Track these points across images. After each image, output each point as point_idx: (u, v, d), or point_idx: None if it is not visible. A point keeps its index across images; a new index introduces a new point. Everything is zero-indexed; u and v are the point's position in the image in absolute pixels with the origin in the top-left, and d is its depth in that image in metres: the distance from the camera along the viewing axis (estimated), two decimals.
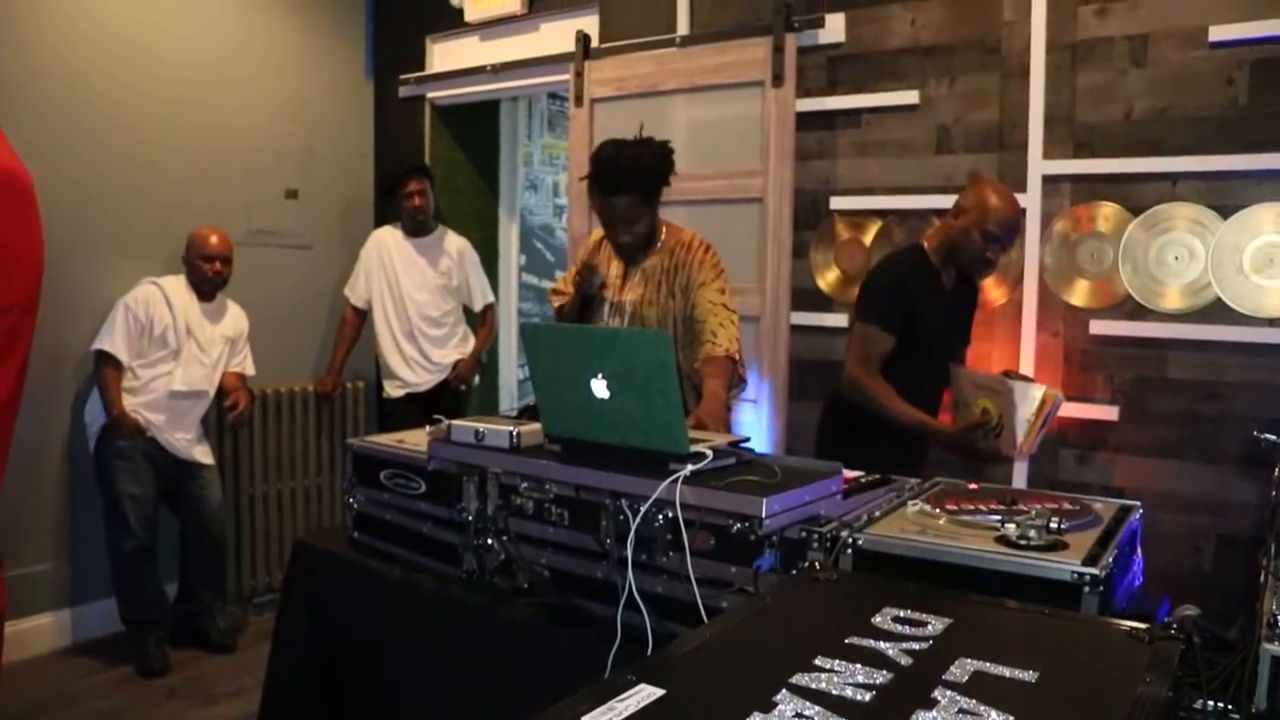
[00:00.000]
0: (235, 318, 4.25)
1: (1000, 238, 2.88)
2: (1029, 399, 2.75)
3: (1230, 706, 1.26)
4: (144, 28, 4.27)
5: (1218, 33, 2.95)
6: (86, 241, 4.08)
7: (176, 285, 4.05)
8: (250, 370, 4.33)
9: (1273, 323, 2.93)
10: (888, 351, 2.91)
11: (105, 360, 3.84)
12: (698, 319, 2.81)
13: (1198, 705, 1.29)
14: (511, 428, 2.03)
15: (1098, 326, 3.20)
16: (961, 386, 2.98)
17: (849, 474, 2.05)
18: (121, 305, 3.90)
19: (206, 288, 4.08)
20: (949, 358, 3.10)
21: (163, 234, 4.24)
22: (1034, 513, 1.67)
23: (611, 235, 2.90)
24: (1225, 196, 2.99)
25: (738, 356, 2.77)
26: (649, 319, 2.88)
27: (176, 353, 3.97)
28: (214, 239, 4.06)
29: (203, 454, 4.10)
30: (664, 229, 2.95)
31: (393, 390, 4.64)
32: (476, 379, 4.85)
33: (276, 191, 4.85)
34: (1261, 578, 1.56)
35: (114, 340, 3.83)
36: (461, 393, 4.72)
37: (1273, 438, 1.54)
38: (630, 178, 2.74)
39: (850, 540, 1.68)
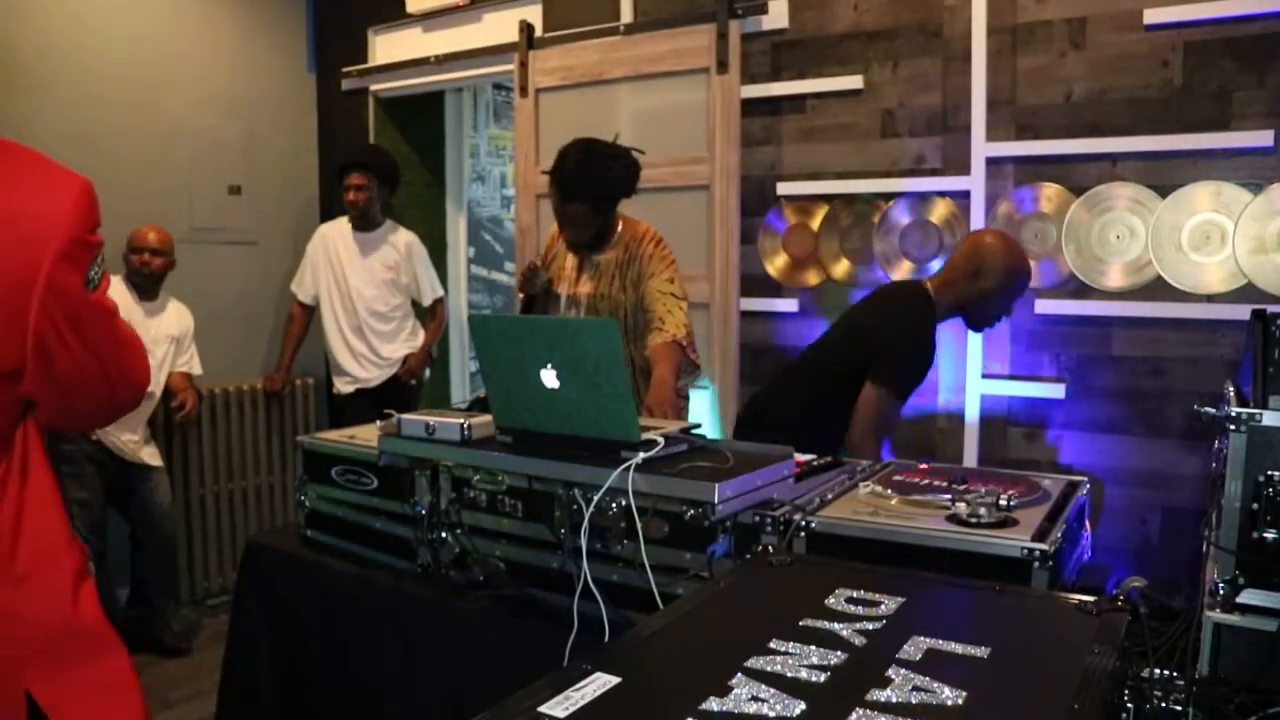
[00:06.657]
0: (179, 316, 4.18)
1: (1020, 296, 2.81)
2: None
3: (1175, 674, 1.28)
4: (82, 29, 4.18)
5: (1152, 15, 3.00)
6: None
7: (116, 285, 3.97)
8: (197, 369, 4.26)
9: (1210, 299, 2.99)
10: None
11: None
12: (646, 308, 2.83)
13: (1145, 674, 1.32)
14: (462, 420, 2.02)
15: (1043, 306, 3.24)
16: None
17: (801, 457, 2.06)
18: None
19: (141, 283, 4.01)
20: None
21: (106, 237, 4.15)
22: (984, 491, 1.69)
23: (561, 231, 2.93)
24: (1163, 176, 3.04)
25: (685, 341, 2.78)
26: (601, 313, 2.89)
27: None
28: (151, 235, 4.00)
29: (150, 455, 4.03)
30: (621, 222, 2.95)
31: (342, 386, 4.59)
32: (427, 373, 4.81)
33: (219, 188, 4.78)
34: (1204, 548, 1.59)
35: None
36: (412, 387, 4.68)
37: (1212, 411, 1.57)
38: (589, 188, 2.76)
39: (803, 523, 1.69)
